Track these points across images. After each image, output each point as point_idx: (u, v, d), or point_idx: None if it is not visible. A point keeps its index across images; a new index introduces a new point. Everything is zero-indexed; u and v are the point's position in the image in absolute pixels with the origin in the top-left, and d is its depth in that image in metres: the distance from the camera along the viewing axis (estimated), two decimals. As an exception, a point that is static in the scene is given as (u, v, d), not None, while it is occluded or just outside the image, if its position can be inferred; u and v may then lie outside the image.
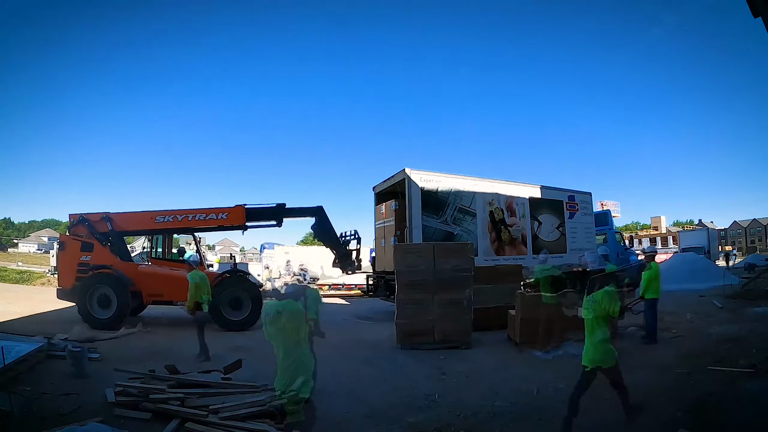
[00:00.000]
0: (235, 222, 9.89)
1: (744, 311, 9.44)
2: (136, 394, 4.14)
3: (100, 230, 9.50)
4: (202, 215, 9.79)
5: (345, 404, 4.44)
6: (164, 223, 9.77)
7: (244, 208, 9.80)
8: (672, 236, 51.56)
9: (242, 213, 9.79)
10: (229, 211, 9.81)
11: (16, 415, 3.63)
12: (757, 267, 23.03)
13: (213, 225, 10.04)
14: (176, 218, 9.74)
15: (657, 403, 4.11)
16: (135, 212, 10.11)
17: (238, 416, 3.77)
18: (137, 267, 9.82)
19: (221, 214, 9.80)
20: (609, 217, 18.68)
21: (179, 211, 9.85)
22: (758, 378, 4.49)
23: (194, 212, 9.85)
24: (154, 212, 9.86)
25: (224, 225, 10.11)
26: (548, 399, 4.48)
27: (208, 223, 9.88)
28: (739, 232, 75.81)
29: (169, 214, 9.77)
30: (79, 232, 9.49)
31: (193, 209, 9.92)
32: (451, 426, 3.82)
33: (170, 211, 9.84)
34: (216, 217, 9.78)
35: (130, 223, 9.93)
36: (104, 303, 8.77)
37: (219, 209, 9.86)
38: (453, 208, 11.43)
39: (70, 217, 9.76)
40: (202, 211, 9.85)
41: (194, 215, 9.80)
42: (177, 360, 5.55)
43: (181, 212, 9.82)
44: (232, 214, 9.81)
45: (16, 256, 45.23)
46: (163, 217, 9.72)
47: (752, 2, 3.39)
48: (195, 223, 9.86)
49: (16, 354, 5.11)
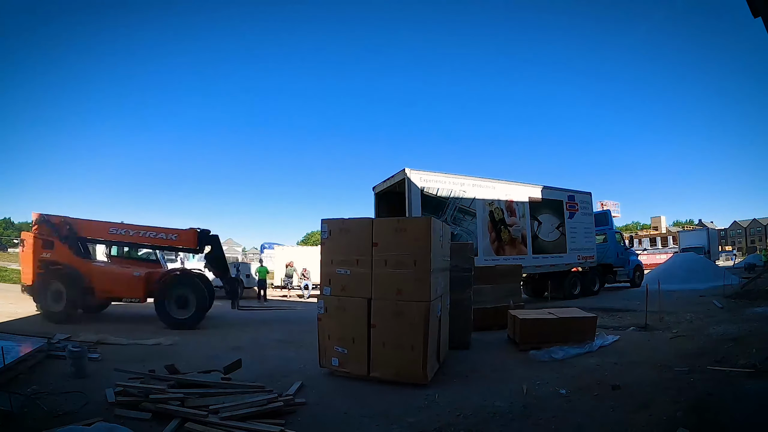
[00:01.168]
0: (186, 244, 10.35)
1: (744, 311, 9.45)
2: (136, 394, 4.13)
3: (61, 232, 9.94)
4: (153, 233, 10.23)
5: (345, 403, 4.44)
6: (116, 235, 10.21)
7: (196, 232, 10.25)
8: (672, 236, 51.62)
9: (194, 236, 10.21)
10: (179, 233, 10.26)
11: (16, 415, 3.63)
12: (757, 267, 23.08)
13: (163, 244, 10.49)
14: (128, 232, 10.18)
15: (657, 402, 4.11)
16: (93, 220, 10.50)
17: (238, 416, 3.77)
18: (90, 264, 10.25)
19: (171, 235, 10.22)
20: (609, 217, 18.69)
21: (132, 226, 10.27)
22: (758, 378, 4.49)
23: (146, 229, 10.24)
24: (108, 223, 10.34)
25: (175, 245, 10.53)
26: (547, 399, 4.48)
27: (157, 241, 10.33)
28: (739, 232, 75.87)
29: (122, 228, 10.23)
30: (41, 231, 9.96)
31: (146, 226, 10.32)
32: (451, 426, 3.82)
33: (124, 225, 10.29)
34: (165, 237, 10.21)
35: (86, 230, 10.34)
36: (56, 298, 9.38)
37: (170, 230, 10.31)
38: (453, 208, 11.45)
39: (33, 215, 10.22)
40: (154, 229, 10.26)
41: (146, 232, 10.22)
42: (177, 360, 5.55)
43: (134, 227, 10.24)
44: (183, 237, 10.23)
45: (16, 256, 45.17)
46: (116, 230, 10.20)
47: (752, 2, 3.39)
48: (145, 239, 10.32)
49: (16, 354, 5.12)
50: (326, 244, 5.58)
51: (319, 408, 4.27)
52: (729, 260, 36.23)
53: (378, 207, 12.35)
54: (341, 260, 5.42)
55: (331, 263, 5.49)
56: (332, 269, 5.47)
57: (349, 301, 5.34)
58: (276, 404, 4.05)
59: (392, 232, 5.23)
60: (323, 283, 5.61)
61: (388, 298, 5.11)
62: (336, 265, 5.44)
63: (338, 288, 5.43)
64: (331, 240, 5.54)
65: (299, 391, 4.71)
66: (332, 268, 5.47)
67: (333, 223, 5.62)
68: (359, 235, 5.34)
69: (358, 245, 5.31)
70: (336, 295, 5.44)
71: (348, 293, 5.36)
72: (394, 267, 5.12)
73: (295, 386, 4.77)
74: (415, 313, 5.00)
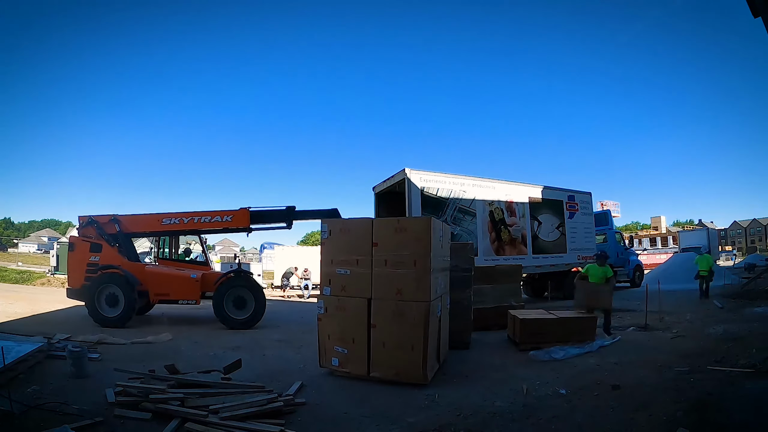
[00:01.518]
0: (240, 224, 10.26)
1: (744, 311, 9.45)
2: (136, 394, 4.13)
3: (109, 232, 9.90)
4: (208, 218, 10.16)
5: (345, 403, 4.44)
6: (170, 225, 10.15)
7: (248, 211, 10.15)
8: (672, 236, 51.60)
9: (247, 216, 10.13)
10: (233, 213, 10.18)
11: (16, 415, 3.63)
12: (757, 267, 23.08)
13: (218, 227, 10.42)
14: (182, 221, 10.13)
15: (657, 402, 4.12)
16: (142, 214, 10.40)
17: (238, 416, 3.77)
18: (144, 267, 10.12)
19: (226, 216, 10.17)
20: (609, 217, 18.68)
21: (185, 213, 10.21)
22: (758, 378, 4.49)
23: (200, 214, 10.20)
24: (160, 215, 10.21)
25: (229, 227, 10.45)
26: (547, 399, 4.49)
27: (213, 225, 10.26)
28: (739, 232, 75.87)
29: (176, 217, 10.15)
30: (88, 233, 9.88)
31: (199, 212, 10.27)
32: (451, 426, 3.82)
33: (176, 214, 10.20)
34: (221, 219, 10.15)
35: (137, 225, 10.30)
36: (112, 302, 9.15)
37: (224, 212, 10.24)
38: (453, 208, 11.44)
39: (80, 219, 10.12)
40: (208, 214, 10.21)
41: (200, 218, 10.16)
42: (177, 360, 5.55)
43: (187, 215, 10.18)
44: (237, 217, 10.16)
45: (16, 256, 45.21)
46: (170, 220, 10.13)
47: (752, 2, 3.40)
48: (200, 225, 10.24)
49: (16, 354, 5.11)
50: (326, 244, 5.58)
51: (319, 408, 4.27)
52: (729, 260, 36.23)
53: (378, 207, 12.35)
54: (341, 260, 5.42)
55: (331, 263, 5.49)
56: (332, 269, 5.47)
57: (349, 301, 5.34)
58: (276, 404, 4.05)
59: (392, 232, 5.22)
60: (323, 283, 5.61)
61: (388, 298, 5.11)
62: (336, 265, 5.44)
63: (338, 288, 5.43)
64: (330, 240, 5.54)
65: (299, 391, 4.71)
66: (332, 268, 5.47)
67: (333, 223, 5.62)
68: (359, 235, 5.34)
69: (358, 245, 5.31)
70: (336, 295, 5.43)
71: (348, 293, 5.36)
72: (394, 267, 5.11)
73: (295, 386, 4.77)
74: (415, 313, 4.99)
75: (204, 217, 10.15)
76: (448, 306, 6.38)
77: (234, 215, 10.15)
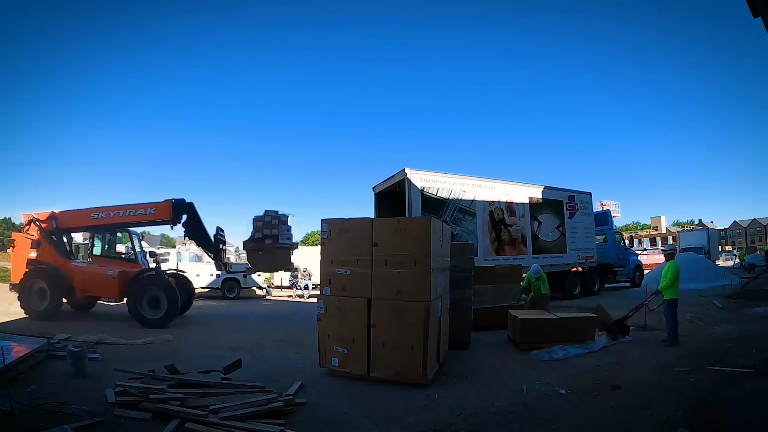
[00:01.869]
0: (162, 217, 10.35)
1: (744, 311, 9.46)
2: (136, 394, 4.14)
3: (47, 228, 10.37)
4: (132, 211, 10.33)
5: (345, 403, 4.44)
6: (99, 219, 10.43)
7: (171, 203, 10.24)
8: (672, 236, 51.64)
9: (169, 209, 10.21)
10: (156, 206, 10.33)
11: (16, 415, 3.63)
12: (757, 267, 23.06)
13: (144, 220, 10.51)
14: (109, 214, 10.36)
15: (657, 402, 4.12)
16: (76, 210, 10.78)
17: (238, 416, 3.77)
18: (69, 263, 10.45)
19: (149, 209, 10.34)
20: (609, 217, 18.66)
21: (112, 207, 10.42)
22: (758, 378, 4.49)
23: (126, 208, 10.38)
24: (90, 209, 10.54)
25: (154, 220, 10.52)
26: (547, 399, 4.49)
27: (138, 218, 10.40)
28: (739, 232, 75.85)
29: (103, 211, 10.42)
30: (30, 231, 10.47)
31: (125, 205, 10.43)
32: (451, 426, 3.82)
33: (105, 208, 10.46)
34: (145, 212, 10.32)
35: (71, 220, 10.64)
36: (41, 297, 9.76)
37: (148, 204, 10.39)
38: (453, 208, 11.44)
39: (24, 216, 10.76)
40: (133, 207, 10.36)
41: (125, 211, 10.35)
42: (177, 360, 5.55)
43: (113, 209, 10.39)
44: (159, 210, 10.30)
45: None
46: (98, 214, 10.41)
47: (752, 2, 3.40)
48: (126, 218, 10.40)
49: (16, 354, 5.11)
50: (326, 245, 5.58)
51: (319, 408, 4.27)
52: (729, 260, 36.24)
53: (378, 207, 12.35)
54: (341, 260, 5.42)
55: (331, 263, 5.49)
56: (332, 269, 5.47)
57: (349, 301, 5.34)
58: (276, 404, 4.05)
59: (392, 232, 5.23)
60: (323, 283, 5.61)
61: (388, 298, 5.11)
62: (336, 265, 5.44)
63: (338, 288, 5.43)
64: (330, 240, 5.54)
65: (299, 391, 4.71)
66: (332, 268, 5.47)
67: (333, 223, 5.62)
68: (359, 236, 5.34)
69: (358, 245, 5.31)
70: (336, 295, 5.43)
71: (348, 293, 5.36)
72: (394, 267, 5.12)
73: (295, 386, 4.77)
74: (415, 313, 5.00)
75: (129, 210, 10.31)
76: (448, 306, 6.39)
77: (157, 207, 10.30)
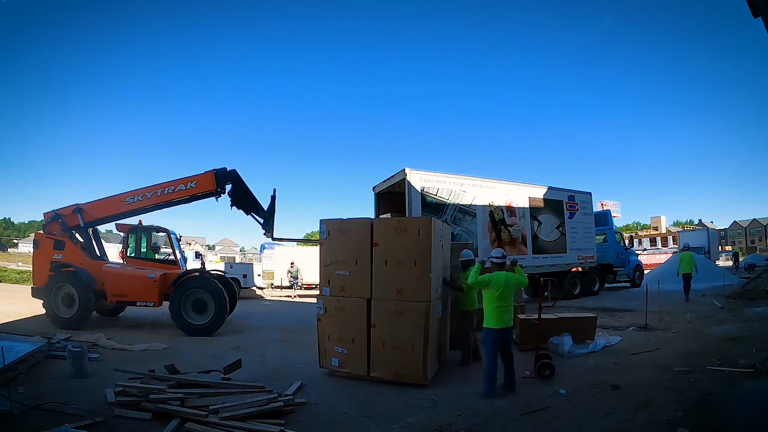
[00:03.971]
0: (205, 188, 9.37)
1: (744, 311, 9.44)
2: (136, 394, 4.13)
3: (72, 224, 9.37)
4: (171, 188, 9.32)
5: (345, 403, 4.44)
6: (134, 203, 9.38)
7: (213, 173, 9.30)
8: (672, 236, 51.62)
9: (211, 178, 9.26)
10: (197, 179, 9.33)
11: (16, 415, 3.63)
12: (757, 267, 23.07)
13: (184, 195, 9.49)
14: (145, 196, 9.34)
15: (657, 402, 4.11)
16: (105, 198, 9.71)
17: (238, 416, 3.77)
18: (102, 265, 9.46)
19: (190, 183, 9.31)
20: (609, 217, 18.66)
21: (147, 188, 9.41)
22: (758, 378, 4.48)
23: (162, 186, 9.35)
24: (123, 194, 9.48)
25: (195, 194, 9.49)
26: (547, 399, 4.48)
27: (178, 194, 9.39)
28: (739, 232, 75.82)
29: (138, 194, 9.39)
30: (53, 230, 9.42)
31: (161, 183, 9.41)
32: (451, 426, 3.82)
33: (139, 190, 9.44)
34: (185, 187, 9.31)
35: (101, 210, 9.60)
36: (68, 302, 8.71)
37: (187, 178, 9.36)
38: (453, 208, 11.43)
39: (45, 215, 9.64)
40: (170, 184, 9.37)
41: (162, 189, 9.31)
42: (177, 360, 5.55)
43: (149, 189, 9.38)
44: (201, 181, 9.31)
45: (16, 256, 45.12)
46: (132, 198, 9.36)
47: (752, 2, 3.40)
48: (165, 197, 9.38)
49: (16, 354, 5.10)
50: (325, 245, 5.58)
51: (319, 408, 4.28)
52: (729, 260, 36.23)
53: (378, 207, 12.34)
54: (340, 261, 5.41)
55: (330, 264, 5.48)
56: (331, 270, 5.47)
57: (348, 302, 5.34)
58: (276, 404, 4.05)
59: (392, 232, 5.22)
60: (322, 283, 5.60)
61: (388, 299, 5.11)
62: (335, 266, 5.44)
63: (337, 288, 5.43)
64: (329, 241, 5.54)
65: (299, 391, 4.71)
66: (331, 269, 5.47)
67: (332, 223, 5.62)
68: (358, 236, 5.34)
69: (357, 245, 5.31)
70: (335, 295, 5.43)
71: (347, 293, 5.36)
72: (394, 267, 5.11)
73: (295, 386, 4.77)
74: (416, 313, 4.99)
75: (167, 188, 9.29)
76: (449, 306, 6.38)
77: (198, 180, 9.28)
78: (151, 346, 7.06)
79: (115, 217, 9.87)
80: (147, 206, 9.56)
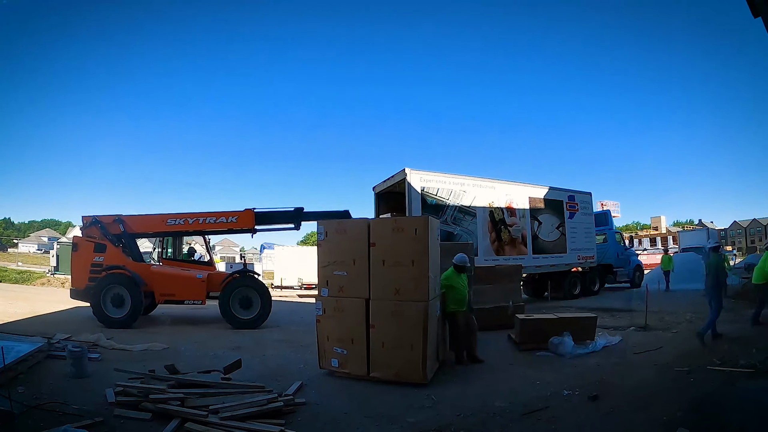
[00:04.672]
0: (244, 225, 10.26)
1: (744, 311, 9.44)
2: (136, 394, 4.13)
3: (113, 232, 9.88)
4: (212, 218, 10.18)
5: (345, 403, 4.44)
6: (175, 226, 10.13)
7: (253, 213, 10.18)
8: (672, 236, 51.59)
9: (251, 217, 10.16)
10: (238, 215, 10.19)
11: (16, 415, 3.63)
12: (758, 267, 23.02)
13: (223, 228, 10.42)
14: (187, 221, 10.13)
15: (657, 402, 4.11)
16: (147, 215, 10.42)
17: (238, 416, 3.77)
18: (149, 267, 10.16)
19: (231, 217, 10.19)
20: (609, 217, 18.66)
21: (190, 214, 10.22)
22: (758, 378, 4.49)
23: (204, 215, 10.22)
24: (165, 215, 10.19)
25: (233, 228, 10.47)
26: (548, 399, 4.48)
27: (218, 226, 10.28)
28: (739, 232, 75.75)
29: (180, 218, 10.15)
30: (92, 233, 9.84)
31: (203, 213, 10.30)
32: (451, 426, 3.82)
33: (181, 215, 10.20)
34: (226, 220, 10.18)
35: (141, 225, 10.30)
36: (118, 302, 9.11)
37: (229, 213, 10.26)
38: (453, 208, 11.45)
39: (83, 219, 10.05)
40: (212, 215, 10.22)
41: (204, 218, 10.18)
42: (177, 360, 5.55)
43: (191, 215, 10.19)
44: (242, 218, 10.18)
45: (16, 256, 45.16)
46: (174, 221, 10.11)
47: (752, 2, 3.40)
48: (205, 226, 10.25)
49: (16, 354, 5.10)
50: (323, 246, 5.58)
51: (319, 408, 4.27)
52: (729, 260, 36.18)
53: (378, 207, 12.36)
54: (338, 261, 5.41)
55: (328, 264, 5.48)
56: (329, 270, 5.46)
57: (347, 302, 5.34)
58: (276, 404, 4.05)
59: (390, 231, 5.22)
60: (321, 284, 5.60)
61: (387, 298, 5.11)
62: (333, 266, 5.44)
63: (336, 289, 5.42)
64: (327, 241, 5.54)
65: (299, 391, 4.71)
66: (329, 270, 5.46)
67: (329, 224, 5.62)
68: (356, 236, 5.34)
69: (355, 246, 5.31)
70: (334, 296, 5.43)
71: (346, 294, 5.36)
72: (392, 267, 5.11)
73: (295, 386, 4.77)
74: (414, 313, 5.00)
75: (209, 218, 10.17)
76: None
77: (239, 216, 10.17)
78: (151, 346, 7.04)
79: (154, 234, 11.06)
80: (186, 230, 10.43)
